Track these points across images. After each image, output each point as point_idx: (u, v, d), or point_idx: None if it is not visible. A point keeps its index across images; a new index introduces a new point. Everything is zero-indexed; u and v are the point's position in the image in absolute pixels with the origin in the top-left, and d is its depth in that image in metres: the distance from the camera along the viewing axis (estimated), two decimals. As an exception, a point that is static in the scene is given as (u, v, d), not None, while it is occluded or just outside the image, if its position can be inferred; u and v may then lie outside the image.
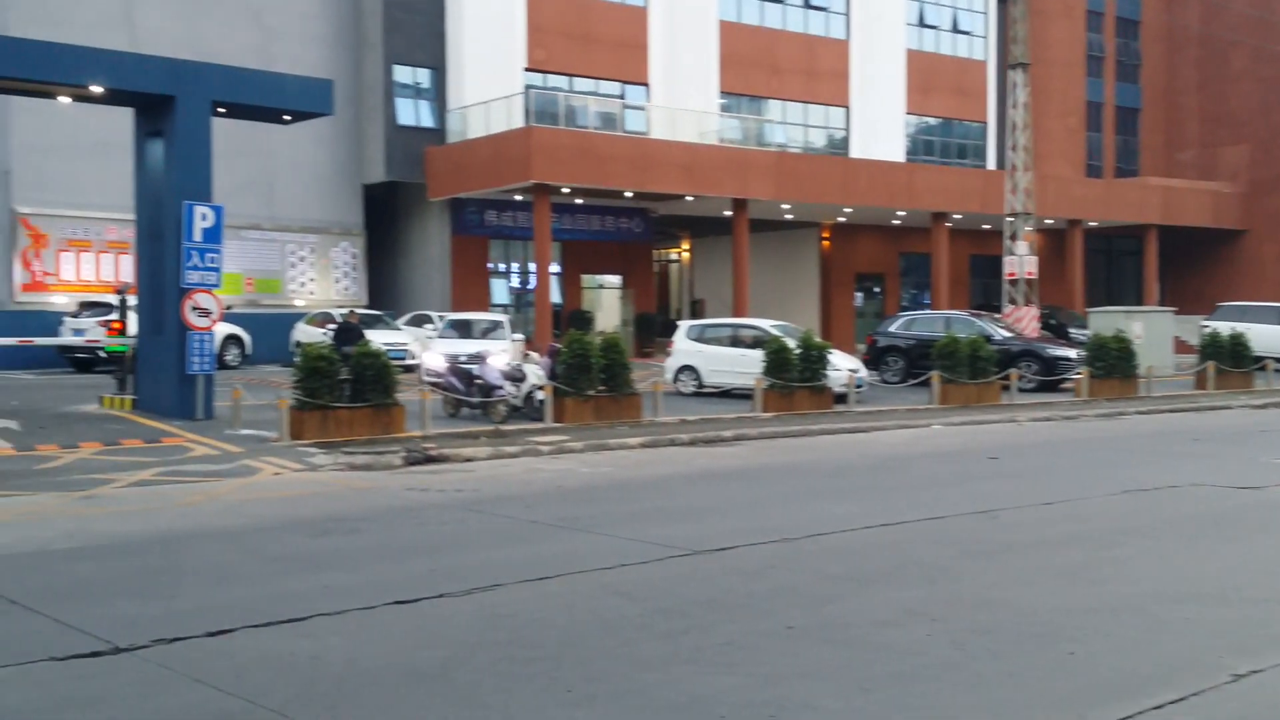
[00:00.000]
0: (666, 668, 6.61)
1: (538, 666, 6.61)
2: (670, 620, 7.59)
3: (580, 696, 6.12)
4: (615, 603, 8.05)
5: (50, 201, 28.39)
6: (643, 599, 8.13)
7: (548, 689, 6.23)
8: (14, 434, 16.19)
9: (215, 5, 31.03)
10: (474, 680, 6.39)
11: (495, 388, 19.09)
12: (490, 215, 34.69)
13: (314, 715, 5.82)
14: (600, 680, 6.39)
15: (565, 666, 6.61)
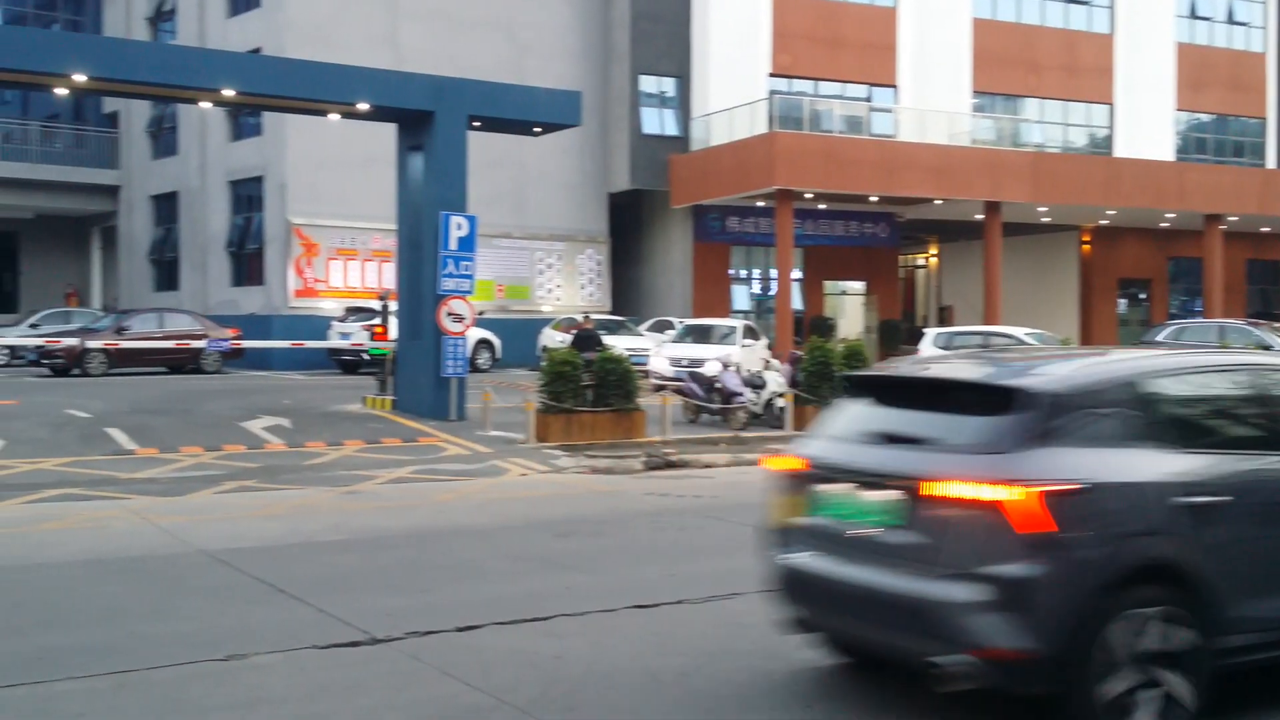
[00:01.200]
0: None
1: (780, 679, 6.47)
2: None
3: (821, 714, 5.95)
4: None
5: (321, 213, 30.25)
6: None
7: (788, 704, 6.08)
8: (286, 431, 17.26)
9: (472, 23, 32.34)
10: (712, 689, 6.31)
11: (735, 394, 19.03)
12: (732, 221, 34.72)
13: (556, 715, 5.87)
14: (844, 697, 6.20)
15: (808, 680, 6.44)
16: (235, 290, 31.49)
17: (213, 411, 18.63)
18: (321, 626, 7.39)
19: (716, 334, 25.66)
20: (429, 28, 31.36)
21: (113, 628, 7.37)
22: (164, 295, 33.85)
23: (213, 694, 6.14)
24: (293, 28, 29.19)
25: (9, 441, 15.28)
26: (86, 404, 18.74)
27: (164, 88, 18.54)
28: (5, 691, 6.07)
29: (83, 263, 38.86)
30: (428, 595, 8.34)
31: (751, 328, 26.68)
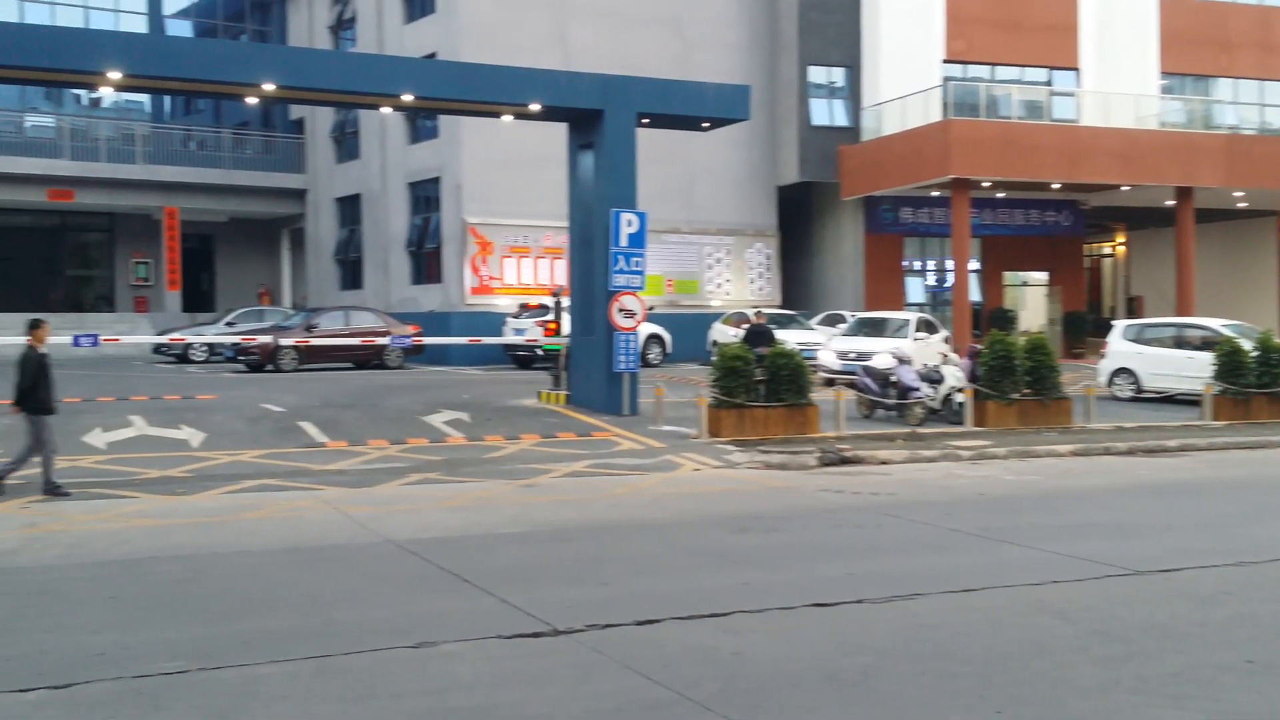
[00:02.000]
0: (1105, 695, 6.13)
1: (963, 683, 6.31)
2: (1109, 645, 7.02)
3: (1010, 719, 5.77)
4: (1046, 622, 7.57)
5: (495, 211, 30.94)
6: (1077, 619, 7.61)
7: (974, 707, 5.92)
8: (465, 425, 17.72)
9: (640, 20, 32.57)
10: (895, 691, 6.19)
11: (911, 389, 18.64)
12: (905, 212, 34.03)
13: (738, 712, 5.85)
14: (1031, 704, 6.00)
15: (993, 685, 6.27)
16: (415, 288, 32.50)
17: (396, 406, 19.26)
18: (505, 616, 7.56)
19: (889, 327, 25.22)
20: (597, 26, 31.70)
21: (310, 614, 7.69)
22: (349, 293, 35.20)
23: (405, 680, 6.34)
24: (466, 31, 29.92)
25: (210, 434, 16.11)
26: (280, 398, 19.62)
27: (347, 94, 19.25)
28: (214, 673, 6.39)
29: (273, 263, 40.73)
30: (606, 588, 8.43)
31: (928, 321, 26.11)
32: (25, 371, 12.26)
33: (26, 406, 12.29)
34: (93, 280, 39.22)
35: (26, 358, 12.36)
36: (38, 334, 12.55)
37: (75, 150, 34.25)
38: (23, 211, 36.73)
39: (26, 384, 12.24)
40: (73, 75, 17.77)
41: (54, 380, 12.51)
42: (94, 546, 9.79)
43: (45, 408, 12.33)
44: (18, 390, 12.27)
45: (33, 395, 12.24)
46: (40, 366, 12.32)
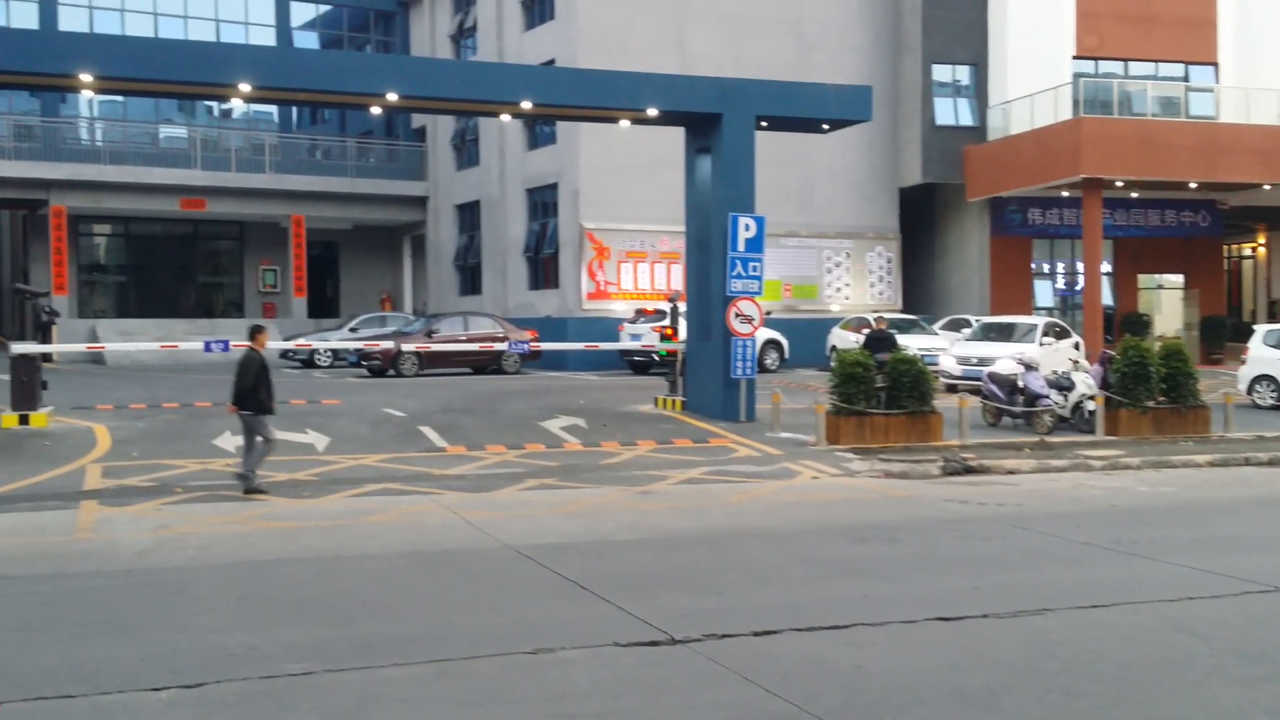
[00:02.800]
0: (1242, 717, 5.86)
1: (1092, 701, 6.08)
2: (1247, 665, 6.72)
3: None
4: (1180, 639, 7.28)
5: (611, 216, 31.02)
6: (1213, 637, 7.33)
7: (1110, 732, 5.68)
8: (582, 431, 17.78)
9: (758, 22, 32.34)
10: (1022, 709, 5.99)
11: (1040, 397, 18.10)
12: (1033, 213, 33.16)
13: (859, 730, 5.71)
14: (1174, 728, 5.73)
15: (1124, 705, 6.02)
16: (532, 293, 32.80)
17: (514, 411, 19.43)
18: (622, 624, 7.51)
19: (1015, 332, 24.58)
20: (715, 29, 31.60)
21: (431, 618, 7.76)
22: (468, 299, 35.71)
23: (523, 685, 6.34)
24: (584, 37, 30.09)
25: (334, 438, 16.45)
26: (401, 403, 19.96)
27: (468, 103, 19.50)
28: (338, 675, 6.47)
29: (395, 269, 41.55)
30: (724, 598, 8.32)
31: (1057, 325, 25.36)
32: (247, 373, 12.90)
33: (246, 406, 12.93)
34: (223, 287, 40.53)
35: (249, 360, 13.02)
36: (259, 339, 13.27)
37: (207, 160, 35.42)
38: (157, 220, 38.14)
39: (247, 385, 12.88)
40: (205, 88, 18.38)
41: (273, 382, 13.15)
42: (223, 548, 10.04)
43: (264, 408, 12.99)
44: (238, 391, 12.93)
45: (253, 396, 12.89)
46: (261, 369, 12.98)
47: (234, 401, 13.01)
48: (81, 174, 33.46)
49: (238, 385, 12.94)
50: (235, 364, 13.24)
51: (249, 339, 13.36)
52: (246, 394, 12.89)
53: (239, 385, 12.93)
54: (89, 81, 16.48)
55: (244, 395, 12.91)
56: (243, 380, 12.91)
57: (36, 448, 15.20)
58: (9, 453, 14.84)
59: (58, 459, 14.52)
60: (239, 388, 12.93)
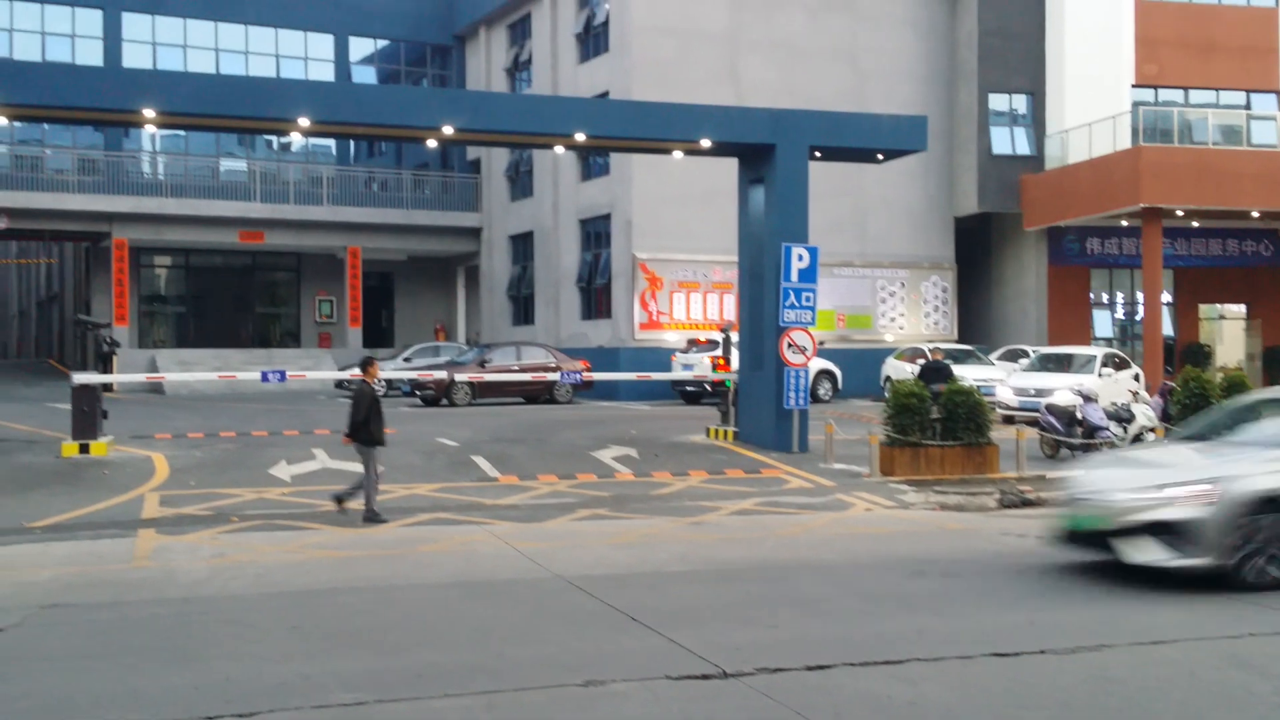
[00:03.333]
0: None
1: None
2: (1317, 705, 6.53)
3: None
4: (1241, 677, 7.14)
5: (664, 246, 31.07)
6: (1275, 674, 7.19)
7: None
8: (633, 461, 17.73)
9: (812, 52, 32.36)
10: (1087, 753, 5.84)
11: (1099, 429, 17.80)
12: (1092, 243, 32.77)
13: (914, 770, 5.59)
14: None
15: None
16: (585, 323, 32.89)
17: (566, 441, 19.44)
18: (673, 657, 7.44)
19: (1074, 363, 24.24)
20: (769, 60, 31.66)
21: (482, 648, 7.74)
22: (521, 329, 35.88)
23: (574, 717, 6.31)
24: (638, 69, 30.27)
25: (387, 468, 16.49)
26: (454, 433, 20.04)
27: (522, 135, 19.66)
28: (390, 706, 6.47)
29: (449, 299, 41.88)
30: (776, 631, 8.23)
31: (1117, 356, 24.97)
32: (360, 405, 13.21)
33: (359, 438, 13.21)
34: (280, 317, 41.06)
35: (361, 393, 13.35)
36: (370, 371, 13.60)
37: (266, 193, 36.00)
38: (216, 252, 38.79)
39: (360, 418, 13.17)
40: (265, 123, 18.71)
41: (383, 414, 13.37)
42: (278, 577, 10.11)
43: (376, 439, 13.23)
44: (352, 423, 13.22)
45: (365, 428, 13.15)
46: (374, 401, 13.24)
47: (349, 433, 13.30)
48: (143, 207, 34.12)
49: (353, 417, 13.22)
50: (350, 396, 13.54)
51: (361, 370, 13.69)
52: (360, 426, 13.17)
53: (354, 417, 13.22)
54: (152, 117, 16.82)
55: (358, 427, 13.19)
56: (357, 412, 13.20)
57: (96, 476, 15.43)
58: (69, 481, 15.08)
59: (117, 487, 14.73)
60: (354, 420, 13.21)
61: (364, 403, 13.20)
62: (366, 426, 13.14)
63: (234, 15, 37.39)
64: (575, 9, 33.34)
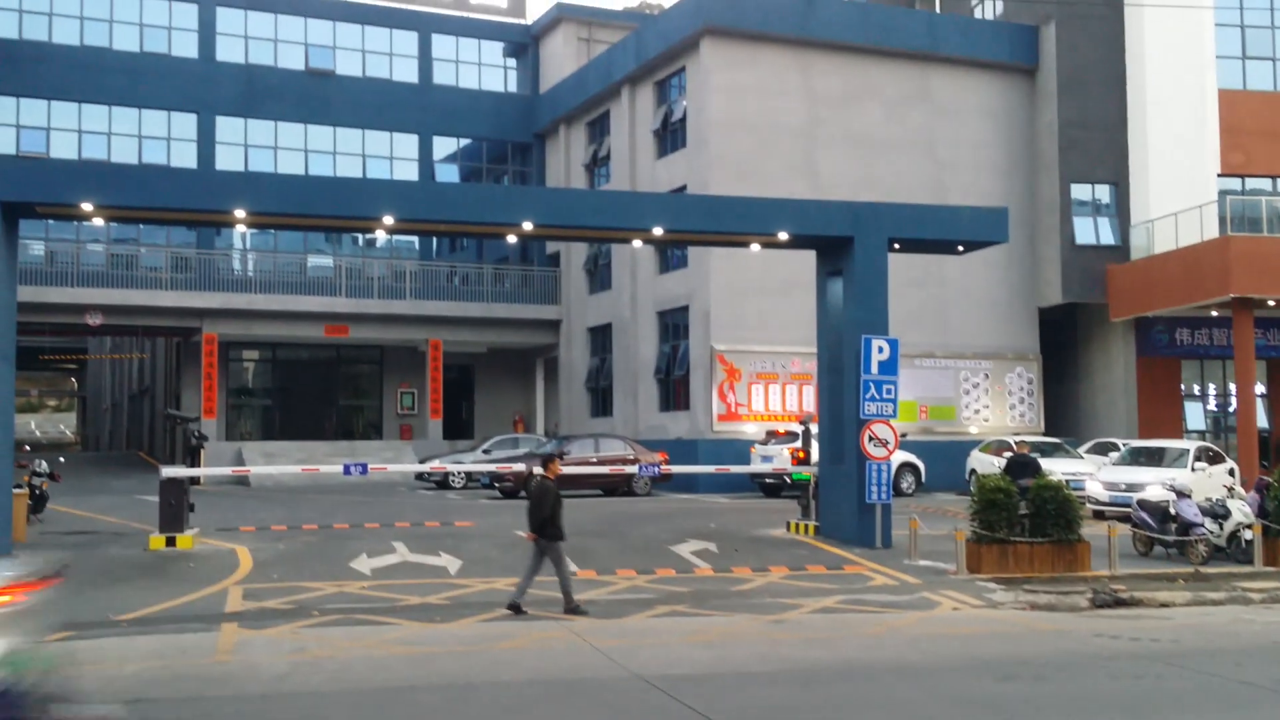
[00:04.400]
0: None
1: None
2: None
3: None
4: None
5: (742, 338, 31.02)
6: None
7: None
8: (713, 556, 17.49)
9: (890, 144, 32.45)
10: None
11: (1194, 525, 17.21)
12: (1181, 333, 32.09)
13: None
14: None
15: None
16: (663, 415, 32.85)
17: (644, 535, 19.27)
18: (755, 766, 7.22)
19: (1166, 457, 23.57)
20: (846, 152, 31.81)
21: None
22: (599, 420, 35.93)
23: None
24: (716, 164, 30.58)
25: (466, 561, 16.52)
26: (532, 525, 19.96)
27: (601, 230, 19.90)
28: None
29: (528, 391, 42.15)
30: (862, 738, 7.97)
31: (1210, 450, 24.24)
32: (545, 502, 13.38)
33: (545, 534, 13.40)
34: (363, 409, 41.65)
35: (545, 489, 13.50)
36: (552, 467, 13.81)
37: (350, 288, 36.78)
38: (302, 346, 39.59)
39: (546, 514, 13.36)
40: (352, 221, 19.18)
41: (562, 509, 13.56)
42: (357, 673, 10.07)
43: (561, 534, 13.46)
44: (538, 519, 13.39)
45: (551, 524, 13.36)
46: (557, 497, 13.47)
47: (533, 529, 13.47)
48: (233, 303, 35.03)
49: (537, 514, 13.38)
50: (531, 493, 13.70)
51: (542, 468, 13.83)
52: (545, 522, 13.34)
53: (538, 514, 13.37)
54: (242, 217, 17.32)
55: (543, 523, 13.36)
56: (541, 509, 13.36)
57: (181, 569, 15.61)
58: (155, 575, 15.27)
59: (201, 581, 14.87)
60: (539, 516, 13.36)
61: (548, 499, 13.37)
62: (552, 522, 13.33)
63: (323, 117, 38.62)
64: (653, 106, 33.91)
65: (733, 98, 30.99)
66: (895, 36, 32.69)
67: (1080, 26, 32.53)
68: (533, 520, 13.42)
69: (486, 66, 41.63)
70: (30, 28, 36.15)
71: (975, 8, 36.89)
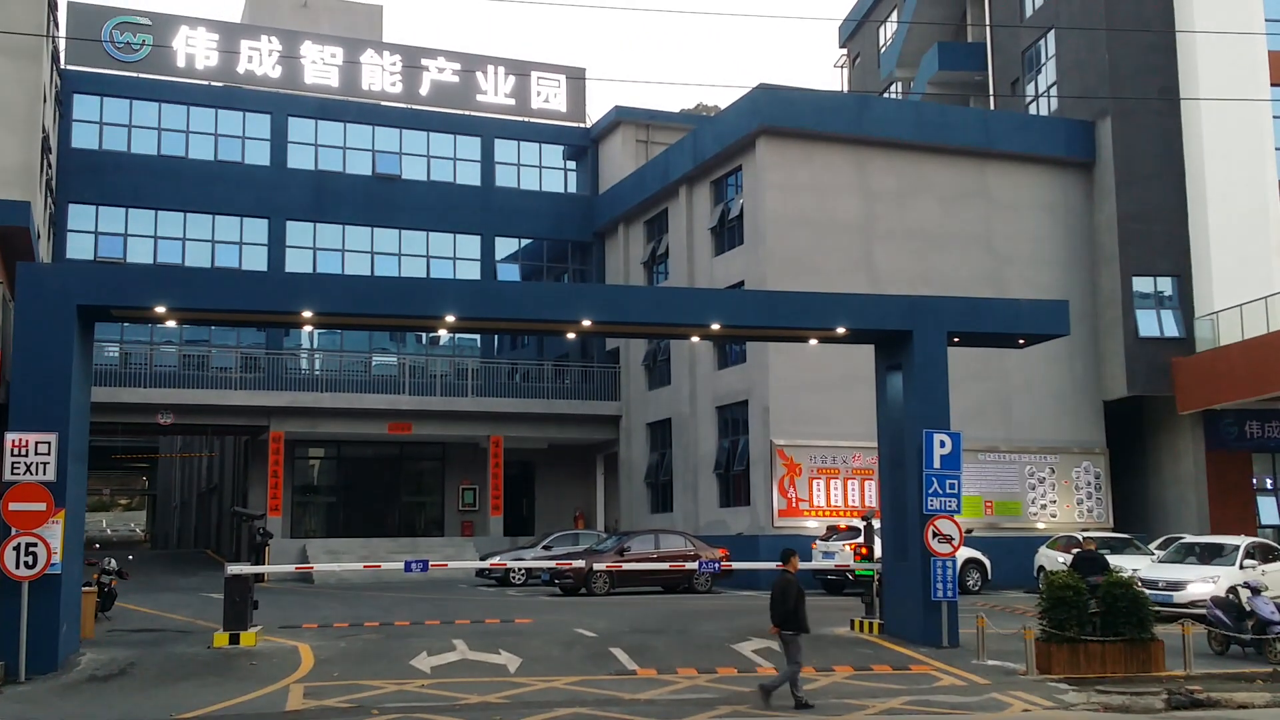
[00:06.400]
0: None
1: None
2: None
3: None
4: None
5: (802, 433, 30.90)
6: None
7: None
8: (775, 654, 17.15)
9: (947, 238, 32.49)
10: None
11: (1271, 623, 16.69)
12: (1251, 426, 31.43)
13: None
14: None
15: None
16: (723, 510, 32.64)
17: (705, 632, 19.05)
18: None
19: (1213, 553, 22.84)
20: (903, 246, 31.91)
21: None
22: (659, 516, 35.78)
23: None
24: (773, 260, 30.79)
25: (526, 659, 16.42)
26: (592, 623, 19.86)
27: (659, 326, 20.06)
28: None
29: (588, 487, 42.16)
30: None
31: (1265, 546, 23.49)
32: (789, 596, 13.96)
33: (789, 626, 13.97)
34: (425, 506, 41.85)
35: (789, 583, 14.13)
36: (793, 562, 14.59)
37: (414, 386, 37.24)
38: (366, 443, 40.03)
39: (790, 607, 13.92)
40: (415, 320, 19.54)
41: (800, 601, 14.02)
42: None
43: (803, 627, 14.02)
44: (783, 613, 13.98)
45: (794, 617, 13.92)
46: (799, 591, 14.06)
47: (778, 623, 14.01)
48: (300, 401, 35.59)
49: (781, 607, 13.93)
50: (772, 587, 14.38)
51: (783, 563, 14.61)
52: (790, 615, 13.87)
53: (782, 607, 13.92)
54: (309, 317, 17.72)
55: (788, 617, 13.89)
56: (785, 602, 13.90)
57: (244, 667, 15.69)
58: (218, 672, 15.36)
59: (263, 678, 14.93)
60: (783, 610, 13.92)
61: (792, 592, 13.91)
62: (796, 615, 13.83)
63: (388, 221, 39.55)
64: (710, 204, 34.34)
65: (789, 195, 31.32)
66: (950, 134, 32.96)
67: (1137, 120, 32.57)
68: (776, 613, 13.97)
69: (547, 169, 42.49)
70: (110, 139, 37.59)
71: (1030, 104, 37.09)
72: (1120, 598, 15.87)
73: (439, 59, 41.43)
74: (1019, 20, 37.48)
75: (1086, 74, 33.76)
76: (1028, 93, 37.34)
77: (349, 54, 40.24)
